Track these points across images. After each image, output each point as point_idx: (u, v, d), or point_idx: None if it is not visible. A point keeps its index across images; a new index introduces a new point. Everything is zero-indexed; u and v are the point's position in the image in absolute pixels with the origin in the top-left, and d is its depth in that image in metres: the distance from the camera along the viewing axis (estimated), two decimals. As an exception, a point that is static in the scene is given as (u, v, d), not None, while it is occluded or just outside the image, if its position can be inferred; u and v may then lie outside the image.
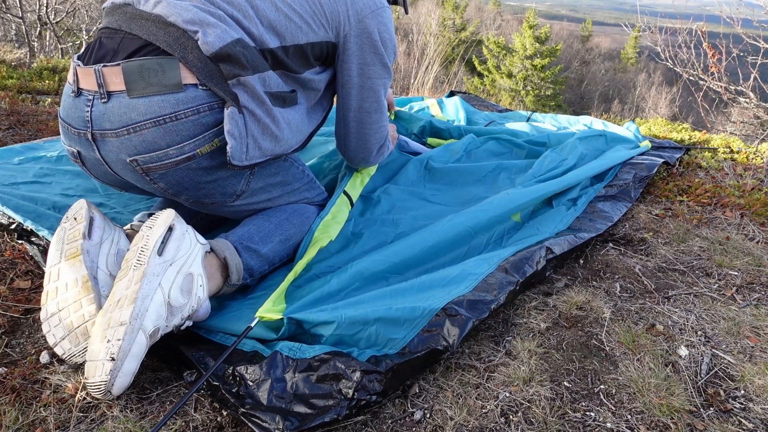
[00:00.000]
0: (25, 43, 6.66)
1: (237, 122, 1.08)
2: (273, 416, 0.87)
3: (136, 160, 1.08)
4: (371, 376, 0.94)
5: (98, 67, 1.05)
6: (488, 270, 1.26)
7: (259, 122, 1.13)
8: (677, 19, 4.46)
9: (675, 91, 20.48)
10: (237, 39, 1.08)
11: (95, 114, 1.07)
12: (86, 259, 1.04)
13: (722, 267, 1.48)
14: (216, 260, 1.14)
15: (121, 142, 1.07)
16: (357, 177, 1.65)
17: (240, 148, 1.10)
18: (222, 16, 1.10)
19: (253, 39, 1.14)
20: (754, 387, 1.04)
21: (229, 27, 1.09)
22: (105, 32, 1.14)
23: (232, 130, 1.08)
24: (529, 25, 19.77)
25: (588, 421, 0.94)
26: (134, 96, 1.05)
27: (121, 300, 0.93)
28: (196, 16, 1.07)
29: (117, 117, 1.05)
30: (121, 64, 1.04)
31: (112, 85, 1.05)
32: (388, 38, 1.37)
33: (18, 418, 0.89)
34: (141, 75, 1.04)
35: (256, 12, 1.16)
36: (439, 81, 6.85)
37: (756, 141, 3.21)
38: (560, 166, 1.91)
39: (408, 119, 2.31)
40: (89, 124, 1.08)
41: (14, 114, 2.41)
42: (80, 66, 1.09)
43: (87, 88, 1.08)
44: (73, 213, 1.10)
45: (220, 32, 1.07)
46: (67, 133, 1.14)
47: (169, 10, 1.09)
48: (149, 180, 1.12)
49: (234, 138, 1.08)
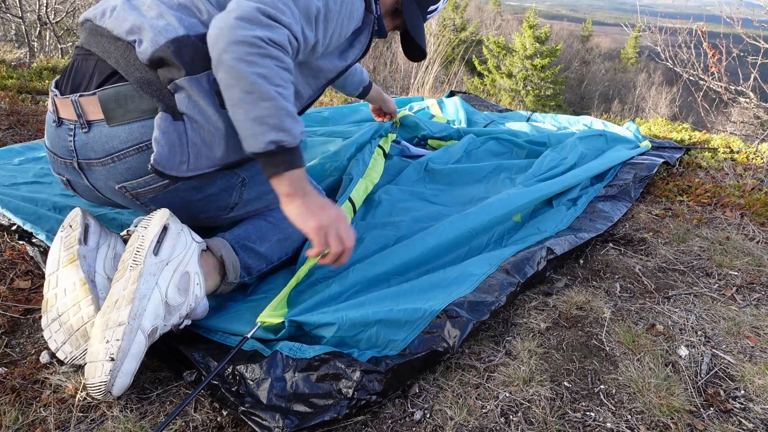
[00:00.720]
0: (25, 43, 6.66)
1: (167, 130, 1.01)
2: (273, 415, 0.87)
3: (125, 186, 1.08)
4: (371, 376, 0.94)
5: (75, 98, 1.03)
6: (489, 271, 1.26)
7: (202, 129, 1.04)
8: (677, 19, 4.46)
9: (675, 91, 20.49)
10: (172, 39, 1.01)
11: (78, 144, 1.05)
12: (83, 264, 1.04)
13: (722, 267, 1.48)
14: (213, 259, 1.14)
15: (107, 171, 1.06)
16: (362, 184, 1.64)
17: (170, 157, 1.02)
18: (163, 12, 1.04)
19: (207, 25, 1.04)
20: (754, 387, 1.04)
21: (168, 25, 1.02)
22: (79, 53, 1.11)
23: (159, 137, 1.00)
24: (529, 25, 19.77)
25: (588, 421, 0.94)
26: (114, 124, 1.03)
27: (119, 300, 0.93)
28: (134, 24, 1.03)
29: (100, 146, 1.04)
30: (97, 94, 1.02)
31: (91, 114, 1.03)
32: None
33: (18, 418, 0.89)
34: (118, 103, 1.02)
35: None
36: (439, 81, 6.85)
37: (756, 141, 3.21)
38: (560, 166, 1.91)
39: (414, 127, 2.31)
40: (74, 154, 1.07)
41: (14, 114, 2.41)
42: (57, 97, 1.07)
43: (67, 117, 1.06)
44: (69, 221, 1.11)
45: (153, 35, 1.01)
46: (55, 162, 1.13)
47: (113, 23, 1.06)
48: (140, 204, 1.13)
49: (161, 145, 1.00)
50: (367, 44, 1.33)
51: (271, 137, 0.96)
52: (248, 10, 0.97)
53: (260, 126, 0.96)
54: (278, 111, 0.97)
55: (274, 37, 0.98)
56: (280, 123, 0.96)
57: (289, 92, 1.00)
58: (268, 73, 0.96)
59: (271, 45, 0.97)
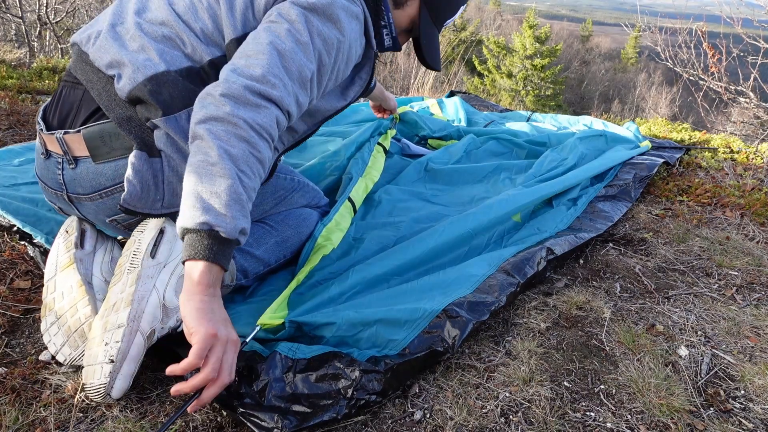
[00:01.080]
0: (25, 43, 6.66)
1: (140, 168, 0.99)
2: (272, 415, 0.87)
3: (116, 219, 1.08)
4: (370, 375, 0.94)
5: (60, 135, 1.03)
6: (489, 271, 1.26)
7: (179, 166, 1.02)
8: (677, 19, 4.46)
9: (675, 91, 20.48)
10: (150, 76, 0.98)
11: (67, 178, 1.05)
12: (80, 267, 1.05)
13: (722, 267, 1.48)
14: None
15: (96, 206, 1.06)
16: (362, 183, 1.64)
17: (143, 196, 1.01)
18: (145, 45, 1.01)
19: (190, 59, 1.04)
20: (754, 387, 1.04)
21: (147, 60, 1.00)
22: (67, 80, 1.10)
23: (131, 177, 0.99)
24: (529, 25, 19.76)
25: (588, 421, 0.94)
26: (100, 162, 1.03)
27: (117, 303, 0.93)
28: (114, 58, 1.01)
29: (87, 182, 1.04)
30: (82, 131, 1.01)
31: (77, 151, 1.03)
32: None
33: (18, 418, 0.89)
34: (102, 140, 1.02)
35: (187, 25, 1.04)
36: (439, 81, 6.86)
37: (756, 141, 3.21)
38: (560, 166, 1.91)
39: (413, 124, 2.31)
40: (63, 187, 1.07)
41: (14, 114, 2.41)
42: (43, 132, 1.06)
43: (54, 151, 1.06)
44: (66, 227, 1.12)
45: (132, 72, 0.99)
46: (46, 191, 1.13)
47: (95, 53, 1.04)
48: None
49: (132, 185, 0.99)
50: (368, 80, 1.28)
51: (207, 218, 0.83)
52: (235, 87, 0.90)
53: (202, 202, 0.84)
54: (230, 195, 0.85)
55: (258, 120, 0.90)
56: (225, 208, 0.84)
57: (252, 183, 0.90)
58: (237, 155, 0.87)
59: (252, 129, 0.90)
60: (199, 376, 0.80)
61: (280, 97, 0.94)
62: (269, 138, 0.93)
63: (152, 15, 1.06)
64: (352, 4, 1.08)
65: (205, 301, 0.84)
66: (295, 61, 0.97)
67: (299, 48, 0.98)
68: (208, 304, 0.84)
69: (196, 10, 1.05)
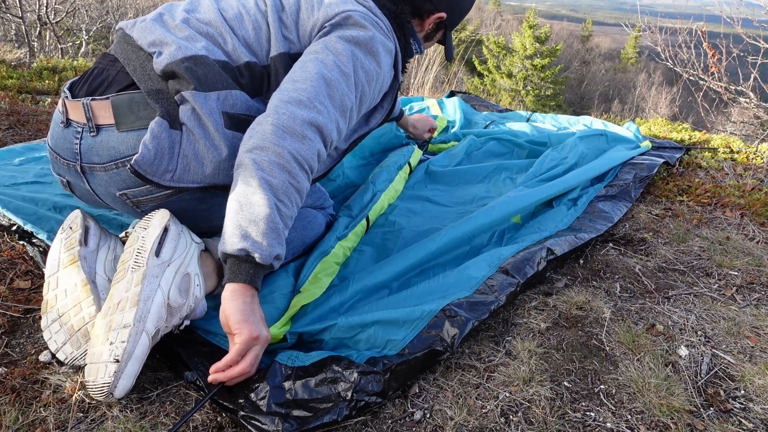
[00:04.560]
0: (25, 43, 6.66)
1: (159, 135, 1.01)
2: (272, 419, 0.88)
3: (126, 194, 1.08)
4: (369, 377, 0.94)
5: (86, 101, 1.04)
6: (489, 272, 1.26)
7: (197, 143, 1.04)
8: (677, 19, 4.46)
9: (675, 91, 20.49)
10: (189, 56, 1.04)
11: (84, 147, 1.06)
12: (84, 265, 1.04)
13: (722, 267, 1.48)
14: (211, 260, 1.14)
15: (110, 176, 1.06)
16: (381, 201, 1.63)
17: (154, 163, 1.01)
18: (191, 36, 1.09)
19: (228, 56, 1.11)
20: (754, 387, 1.04)
21: (191, 45, 1.06)
22: (104, 59, 1.14)
23: (148, 141, 1.00)
24: (529, 25, 19.77)
25: (588, 421, 0.94)
26: (123, 130, 1.03)
27: (122, 302, 0.93)
28: (158, 38, 1.07)
29: (105, 151, 1.05)
30: (111, 98, 1.03)
31: (101, 118, 1.04)
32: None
33: (18, 418, 0.89)
34: (130, 108, 1.03)
35: (232, 29, 1.13)
36: (439, 81, 6.85)
37: (756, 141, 3.21)
38: (561, 165, 1.91)
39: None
40: (78, 157, 1.07)
41: (14, 114, 2.41)
42: (68, 99, 1.08)
43: (76, 119, 1.07)
44: (69, 223, 1.11)
45: (173, 50, 1.04)
46: (56, 162, 1.13)
47: (139, 33, 1.11)
48: (140, 212, 1.13)
49: (147, 149, 1.00)
50: (390, 108, 1.35)
51: (245, 245, 0.92)
52: (285, 118, 0.98)
53: (241, 230, 0.93)
54: (268, 224, 0.93)
55: (302, 151, 0.98)
56: (262, 236, 0.93)
57: (289, 212, 0.98)
58: (277, 185, 0.95)
59: (295, 160, 0.97)
60: (237, 370, 0.91)
61: (324, 123, 1.01)
62: (309, 170, 1.01)
63: (201, 15, 1.15)
64: (388, 40, 1.18)
65: (247, 303, 0.94)
66: (339, 90, 1.06)
67: (343, 78, 1.07)
68: (250, 305, 0.94)
69: (242, 20, 1.14)
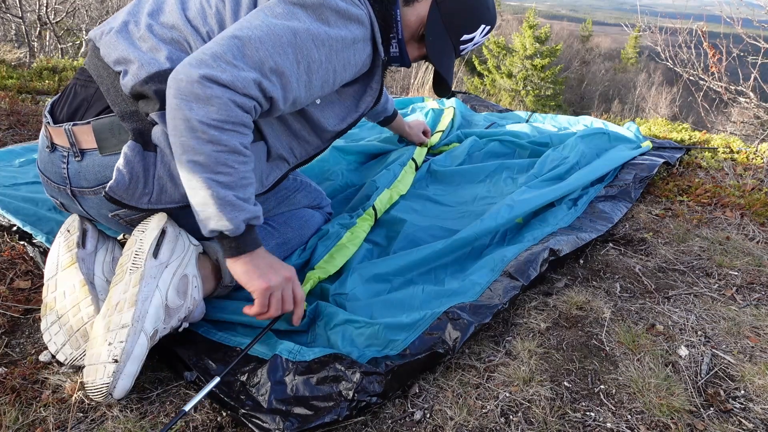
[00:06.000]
0: (25, 43, 6.67)
1: (132, 160, 1.00)
2: (273, 417, 0.88)
3: (118, 214, 1.08)
4: (371, 377, 0.94)
5: (68, 126, 1.03)
6: (492, 277, 1.26)
7: (171, 163, 1.02)
8: (677, 19, 4.45)
9: (675, 91, 20.49)
10: (153, 73, 0.99)
11: (71, 171, 1.05)
12: (82, 267, 1.04)
13: (722, 267, 1.48)
14: (209, 262, 1.14)
15: (99, 199, 1.06)
16: (387, 194, 1.64)
17: (130, 187, 1.01)
18: (155, 46, 1.02)
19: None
20: (754, 387, 1.04)
21: (153, 59, 1.01)
22: (80, 77, 1.10)
23: (122, 166, 0.99)
24: (529, 25, 19.77)
25: (588, 421, 0.94)
26: (107, 154, 1.03)
27: (120, 303, 0.93)
28: (122, 55, 1.02)
29: (92, 175, 1.04)
30: (92, 123, 1.02)
31: (85, 143, 1.03)
32: None
33: (18, 418, 0.89)
34: (111, 132, 1.02)
35: (195, 30, 1.05)
36: (439, 81, 6.83)
37: (756, 141, 3.20)
38: (562, 165, 1.91)
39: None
40: (67, 181, 1.06)
41: (14, 114, 2.41)
42: (50, 125, 1.06)
43: (60, 144, 1.06)
44: (66, 226, 1.12)
45: (136, 69, 1.00)
46: (48, 185, 1.12)
47: (105, 49, 1.06)
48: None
49: (121, 174, 0.99)
50: (379, 89, 1.22)
51: (212, 226, 0.95)
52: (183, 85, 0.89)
53: (200, 215, 0.96)
54: (215, 201, 0.93)
55: (213, 115, 0.89)
56: (218, 214, 0.93)
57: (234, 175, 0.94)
58: (205, 161, 0.91)
59: (210, 127, 0.89)
60: (265, 316, 1.02)
61: (230, 81, 0.89)
62: (233, 125, 0.92)
63: (164, 18, 1.08)
64: (352, 5, 1.03)
65: (247, 263, 0.99)
66: (258, 49, 0.92)
67: (269, 38, 0.93)
68: (251, 264, 0.99)
69: (205, 16, 1.07)
